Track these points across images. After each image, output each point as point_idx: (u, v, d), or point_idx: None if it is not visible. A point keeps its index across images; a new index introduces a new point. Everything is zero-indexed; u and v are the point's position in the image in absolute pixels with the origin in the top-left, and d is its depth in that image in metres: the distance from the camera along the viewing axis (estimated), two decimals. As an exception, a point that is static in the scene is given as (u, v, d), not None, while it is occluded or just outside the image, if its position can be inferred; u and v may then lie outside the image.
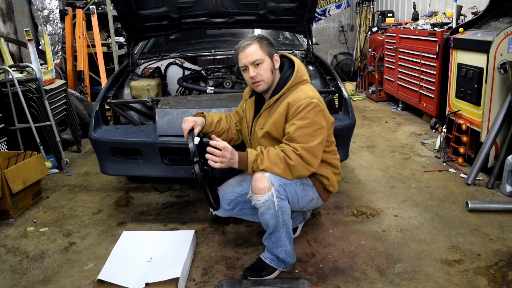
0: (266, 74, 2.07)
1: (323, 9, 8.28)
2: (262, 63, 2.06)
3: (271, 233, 2.08)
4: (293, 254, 2.18)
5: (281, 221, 2.04)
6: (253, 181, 2.00)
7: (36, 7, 5.37)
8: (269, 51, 2.09)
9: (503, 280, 2.09)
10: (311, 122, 1.97)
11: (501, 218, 2.67)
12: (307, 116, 1.97)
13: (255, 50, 2.05)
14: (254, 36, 2.11)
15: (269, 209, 1.99)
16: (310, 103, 1.98)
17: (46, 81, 4.07)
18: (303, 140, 1.96)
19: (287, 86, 2.07)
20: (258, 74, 2.06)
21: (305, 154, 1.96)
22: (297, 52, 3.84)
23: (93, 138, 2.74)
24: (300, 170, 1.99)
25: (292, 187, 2.06)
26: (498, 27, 3.41)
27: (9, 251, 2.53)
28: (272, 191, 1.97)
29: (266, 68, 2.07)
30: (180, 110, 2.70)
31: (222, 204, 2.22)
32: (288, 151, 1.97)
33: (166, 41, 4.38)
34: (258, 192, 1.98)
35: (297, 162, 1.96)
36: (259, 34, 2.16)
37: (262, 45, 2.07)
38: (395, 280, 2.12)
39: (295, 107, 1.99)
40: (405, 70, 5.29)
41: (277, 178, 1.99)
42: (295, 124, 1.97)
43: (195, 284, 2.15)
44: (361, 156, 3.94)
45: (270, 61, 2.09)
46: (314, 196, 2.19)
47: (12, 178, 2.88)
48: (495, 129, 3.17)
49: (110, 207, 3.07)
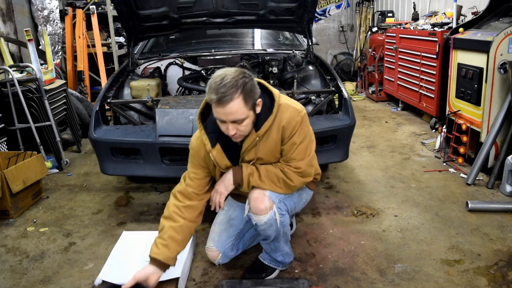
0: (247, 128, 1.77)
1: (323, 9, 8.27)
2: (244, 120, 1.72)
3: (270, 241, 2.08)
4: (290, 253, 2.19)
5: (282, 233, 2.03)
6: (252, 202, 1.90)
7: (36, 7, 5.36)
8: (253, 101, 1.72)
9: (503, 280, 2.09)
10: (305, 136, 1.90)
11: (501, 218, 2.67)
12: (301, 132, 1.87)
13: (238, 108, 1.66)
14: (236, 81, 1.65)
15: (271, 226, 1.95)
16: (302, 118, 1.86)
17: (46, 81, 4.07)
18: (302, 156, 1.89)
19: (274, 112, 1.81)
20: (238, 130, 1.74)
21: (307, 168, 1.92)
22: (297, 52, 3.85)
23: (93, 138, 2.74)
24: (299, 186, 1.97)
25: (290, 199, 2.04)
26: (498, 27, 3.41)
27: (9, 251, 2.52)
28: (274, 210, 1.91)
29: (247, 124, 1.75)
30: (180, 110, 2.70)
31: (226, 254, 2.17)
32: (289, 174, 1.90)
33: (166, 41, 4.38)
34: (259, 213, 1.89)
35: (298, 182, 1.93)
36: (240, 72, 1.69)
37: (248, 95, 1.68)
38: (395, 280, 2.12)
39: (291, 128, 1.84)
40: (405, 70, 5.29)
41: (276, 194, 1.94)
42: (296, 143, 1.86)
43: (195, 284, 2.15)
44: (361, 156, 3.94)
45: (253, 114, 1.75)
46: (308, 197, 2.19)
47: (12, 178, 2.88)
48: (495, 129, 3.17)
49: (110, 207, 3.07)
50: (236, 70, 1.71)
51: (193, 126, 2.65)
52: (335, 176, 3.47)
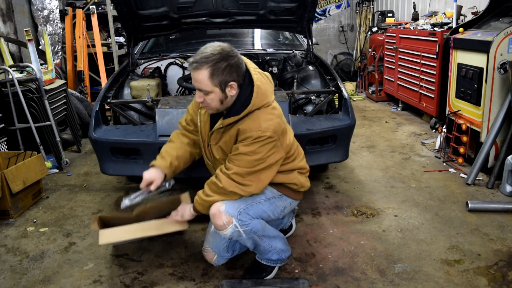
0: (213, 104, 1.86)
1: (323, 9, 8.27)
2: (210, 94, 1.82)
3: (254, 248, 2.09)
4: (285, 249, 2.16)
5: (257, 238, 2.02)
6: (211, 218, 1.94)
7: (36, 7, 5.36)
8: (222, 81, 1.79)
9: (503, 280, 2.09)
10: (253, 152, 1.85)
11: (501, 218, 2.67)
12: (252, 146, 1.85)
13: (202, 79, 1.78)
14: (211, 55, 1.76)
15: (239, 237, 1.97)
16: (259, 136, 1.83)
17: (46, 81, 4.07)
18: (239, 164, 1.87)
19: (243, 113, 1.87)
20: (204, 101, 1.86)
21: (235, 176, 1.88)
22: (297, 52, 3.85)
23: (93, 138, 2.74)
24: (234, 190, 1.90)
25: (256, 207, 1.99)
26: (498, 27, 3.41)
27: (9, 251, 2.52)
28: (233, 223, 1.91)
29: (213, 99, 1.84)
30: (180, 110, 2.70)
31: (221, 255, 2.17)
32: (219, 174, 1.92)
33: (166, 41, 4.38)
34: (219, 229, 1.93)
35: (227, 183, 1.89)
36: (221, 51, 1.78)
37: (216, 72, 1.77)
38: (395, 280, 2.12)
39: (243, 136, 1.87)
40: (405, 70, 5.29)
41: (235, 205, 1.92)
42: (238, 149, 1.88)
43: (195, 284, 2.15)
44: (361, 156, 3.94)
45: (220, 92, 1.82)
46: (286, 204, 2.13)
47: (12, 178, 2.88)
48: (495, 129, 3.17)
49: (110, 207, 3.07)
50: (222, 48, 1.80)
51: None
52: (335, 176, 3.47)
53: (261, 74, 1.97)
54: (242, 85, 1.88)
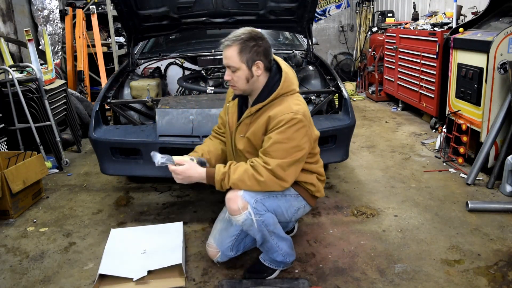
0: (240, 82, 1.93)
1: (323, 9, 8.27)
2: (237, 71, 1.90)
3: (261, 244, 2.08)
4: (291, 253, 2.17)
5: (267, 232, 2.00)
6: (226, 202, 1.93)
7: (36, 7, 5.36)
8: (250, 58, 1.88)
9: (503, 280, 2.09)
10: (288, 138, 1.85)
11: (501, 218, 2.67)
12: (286, 132, 1.85)
13: (231, 55, 1.89)
14: (242, 34, 1.89)
15: (250, 226, 1.95)
16: (293, 118, 1.85)
17: (46, 81, 4.07)
18: (278, 155, 1.85)
19: (271, 97, 1.92)
20: (232, 79, 1.94)
21: (278, 169, 1.86)
22: (297, 52, 3.85)
23: (93, 138, 2.74)
24: (272, 186, 1.89)
25: (272, 200, 1.98)
26: (498, 27, 3.41)
27: (9, 251, 2.53)
28: (248, 210, 1.90)
29: (240, 76, 1.91)
30: (180, 110, 2.70)
31: (225, 253, 2.17)
32: (258, 167, 1.87)
33: (166, 41, 4.38)
34: (233, 213, 1.92)
35: (268, 178, 1.87)
36: (251, 32, 1.91)
37: (244, 49, 1.88)
38: (395, 280, 2.12)
39: (276, 121, 1.87)
40: (405, 70, 5.29)
41: (252, 194, 1.91)
42: (272, 138, 1.86)
43: (195, 284, 2.15)
44: (361, 156, 3.94)
45: (248, 70, 1.90)
46: (300, 205, 2.11)
47: (12, 178, 2.88)
48: (495, 129, 3.17)
49: (110, 207, 3.07)
50: (252, 30, 1.93)
51: (193, 126, 2.65)
52: (335, 176, 3.47)
53: (288, 66, 2.05)
54: (270, 71, 1.98)
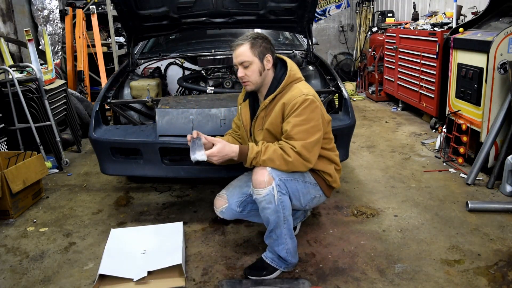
0: (253, 76, 2.08)
1: (323, 9, 8.27)
2: (251, 65, 2.06)
3: (272, 230, 2.08)
4: (294, 253, 2.17)
5: (282, 216, 2.04)
6: (253, 175, 2.02)
7: (36, 7, 5.36)
8: (260, 52, 2.07)
9: (503, 280, 2.09)
10: (306, 119, 1.98)
11: (501, 218, 2.67)
12: (303, 113, 1.98)
13: (244, 51, 2.06)
14: (250, 35, 2.09)
15: (270, 203, 2.00)
16: (305, 100, 1.99)
17: (46, 81, 4.07)
18: (301, 137, 1.97)
19: (282, 85, 2.08)
20: (245, 75, 2.08)
21: (303, 151, 1.97)
22: (297, 52, 3.84)
23: (93, 138, 2.74)
24: (298, 166, 2.00)
25: (293, 183, 2.07)
26: (498, 27, 3.41)
27: (9, 251, 2.53)
28: (272, 185, 1.98)
29: (253, 70, 2.07)
30: (180, 110, 2.70)
31: (231, 206, 2.22)
32: (286, 148, 1.98)
33: (166, 41, 4.38)
34: (258, 185, 2.00)
35: (295, 159, 1.98)
36: (257, 33, 2.13)
37: (254, 45, 2.06)
38: (395, 280, 2.12)
39: (290, 106, 2.00)
40: (405, 70, 5.29)
41: (278, 173, 2.00)
42: (291, 122, 1.99)
43: (195, 284, 2.15)
44: (361, 156, 3.94)
45: (260, 63, 2.08)
46: (317, 194, 2.19)
47: (12, 178, 2.88)
48: (495, 129, 3.17)
49: (110, 207, 3.07)
50: (258, 33, 2.14)
51: (193, 126, 2.65)
52: (335, 176, 3.47)
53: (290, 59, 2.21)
54: (276, 66, 2.15)
